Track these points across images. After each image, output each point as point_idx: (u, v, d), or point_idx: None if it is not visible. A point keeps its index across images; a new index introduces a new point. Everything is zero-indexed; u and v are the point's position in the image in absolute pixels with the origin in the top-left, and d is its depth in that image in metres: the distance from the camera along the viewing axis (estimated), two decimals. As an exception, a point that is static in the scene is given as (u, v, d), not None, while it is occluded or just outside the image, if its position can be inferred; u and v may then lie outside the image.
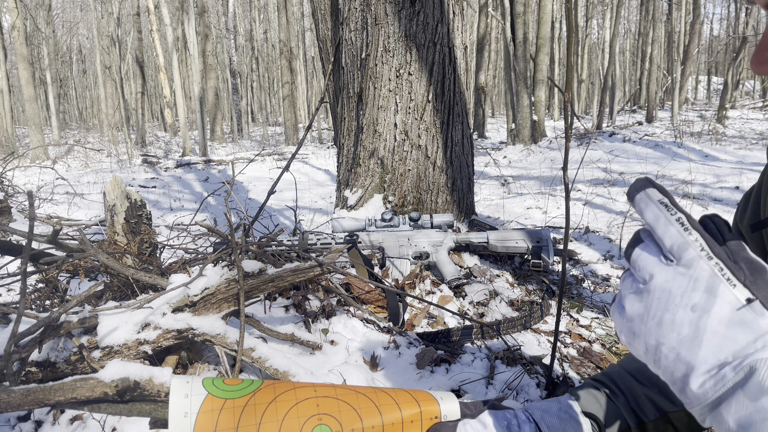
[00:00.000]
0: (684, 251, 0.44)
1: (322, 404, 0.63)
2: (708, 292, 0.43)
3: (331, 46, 2.93)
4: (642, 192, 0.48)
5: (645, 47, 14.86)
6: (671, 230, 0.45)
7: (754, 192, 0.73)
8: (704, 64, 32.63)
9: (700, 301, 0.43)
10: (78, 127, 27.89)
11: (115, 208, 1.54)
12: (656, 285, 0.45)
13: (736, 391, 0.39)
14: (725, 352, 0.41)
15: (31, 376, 1.10)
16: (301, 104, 22.88)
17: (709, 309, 0.42)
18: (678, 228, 0.45)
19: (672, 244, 0.45)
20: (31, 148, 8.22)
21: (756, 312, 0.41)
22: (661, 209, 0.46)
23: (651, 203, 0.47)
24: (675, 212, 0.46)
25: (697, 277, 0.43)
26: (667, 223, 0.45)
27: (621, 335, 0.49)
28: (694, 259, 0.44)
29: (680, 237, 0.45)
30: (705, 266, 0.43)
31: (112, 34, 17.28)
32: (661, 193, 0.47)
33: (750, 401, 0.38)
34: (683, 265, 0.44)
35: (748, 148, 7.38)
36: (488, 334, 1.60)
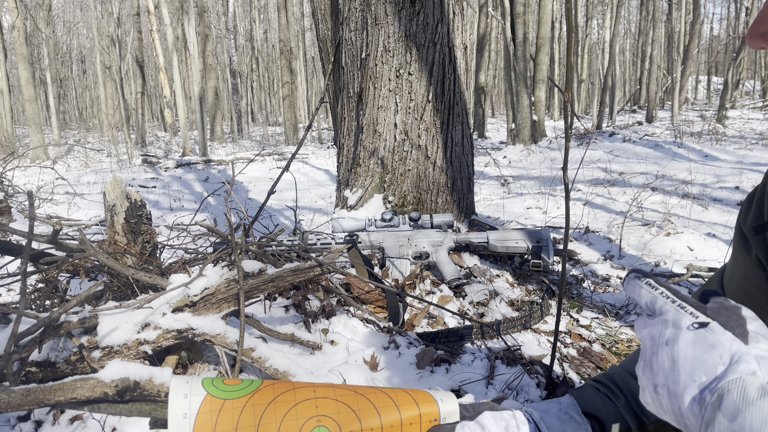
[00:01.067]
0: (655, 303, 0.54)
1: (321, 405, 0.63)
2: (675, 327, 0.50)
3: (331, 46, 2.93)
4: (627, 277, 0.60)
5: (645, 47, 14.86)
6: (643, 292, 0.56)
7: (757, 193, 0.73)
8: (704, 64, 32.63)
9: (670, 336, 0.50)
10: (78, 127, 27.89)
11: (115, 208, 1.54)
12: (644, 338, 0.54)
13: (715, 413, 0.43)
14: (698, 373, 0.46)
15: (31, 376, 1.10)
16: (301, 104, 22.87)
17: (677, 339, 0.49)
18: (647, 288, 0.56)
19: (646, 301, 0.56)
20: (31, 148, 8.22)
21: (716, 332, 0.47)
22: (637, 282, 0.58)
23: (630, 280, 0.59)
24: (643, 279, 0.57)
25: (666, 318, 0.52)
26: (639, 288, 0.57)
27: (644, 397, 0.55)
28: (663, 306, 0.53)
29: (649, 294, 0.55)
30: (670, 308, 0.52)
31: (112, 34, 17.28)
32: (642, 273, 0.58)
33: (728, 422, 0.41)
34: (657, 313, 0.54)
35: (748, 148, 7.38)
36: (488, 334, 1.60)
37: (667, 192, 4.72)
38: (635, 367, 0.57)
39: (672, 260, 2.87)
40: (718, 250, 3.02)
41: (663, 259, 2.92)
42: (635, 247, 3.18)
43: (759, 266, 0.69)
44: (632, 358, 0.87)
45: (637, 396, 0.80)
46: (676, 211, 4.01)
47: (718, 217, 3.85)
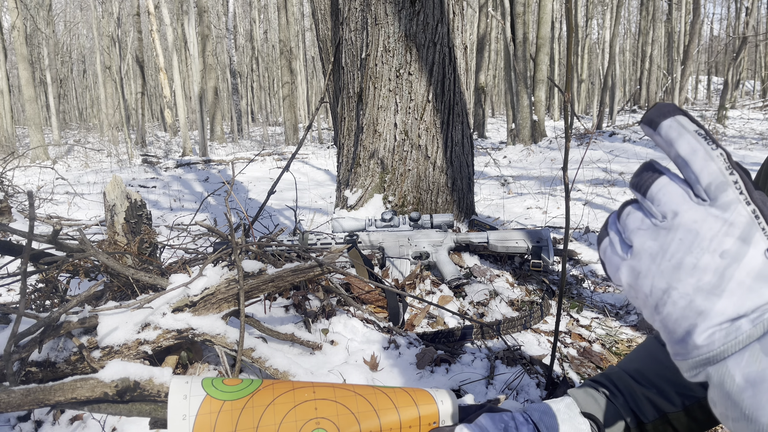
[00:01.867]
0: (722, 192, 0.40)
1: (320, 407, 0.63)
2: (742, 240, 0.39)
3: (331, 46, 2.93)
4: (671, 119, 0.41)
5: (645, 47, 14.86)
6: (712, 167, 0.40)
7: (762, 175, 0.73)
8: (704, 64, 32.63)
9: (732, 248, 0.39)
10: (78, 127, 27.89)
11: (115, 208, 1.54)
12: (681, 223, 0.41)
13: (751, 345, 0.37)
14: (746, 306, 0.38)
15: (31, 376, 1.10)
16: (301, 104, 22.87)
17: (741, 258, 0.39)
18: (720, 165, 0.40)
19: (710, 182, 0.40)
20: (31, 148, 8.22)
21: None
22: (699, 141, 0.40)
23: (686, 133, 0.41)
24: (716, 146, 0.40)
25: (733, 222, 0.39)
26: (708, 158, 0.40)
27: (617, 273, 0.44)
28: (732, 202, 0.39)
29: (721, 176, 0.40)
30: (743, 211, 0.39)
31: (112, 34, 17.28)
32: (694, 123, 0.41)
33: (766, 355, 0.36)
34: (719, 206, 0.40)
35: (748, 148, 7.38)
36: (488, 334, 1.60)
37: (667, 192, 4.71)
38: (601, 242, 0.46)
39: (672, 260, 2.87)
40: (718, 250, 3.02)
41: (663, 259, 2.92)
42: (635, 247, 3.18)
43: None
44: (630, 358, 0.87)
45: (636, 396, 0.80)
46: (676, 211, 4.00)
47: (718, 217, 3.85)
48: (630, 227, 0.44)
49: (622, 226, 0.45)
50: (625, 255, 0.43)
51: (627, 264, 0.43)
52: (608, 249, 0.45)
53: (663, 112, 0.42)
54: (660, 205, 0.42)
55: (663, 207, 0.42)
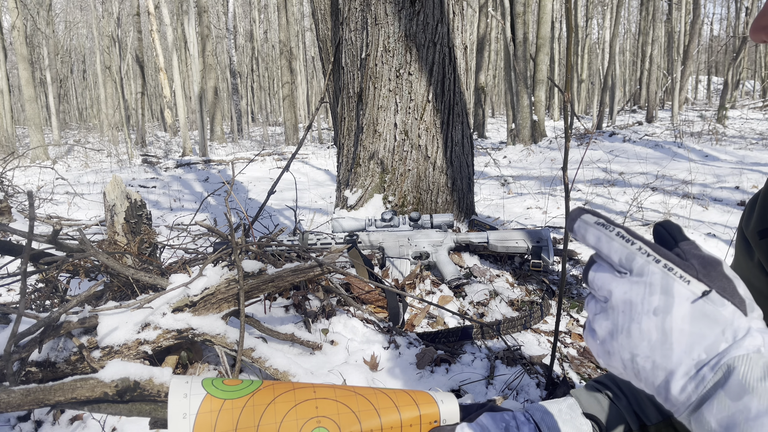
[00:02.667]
0: (632, 261, 0.45)
1: (321, 406, 0.63)
2: (665, 293, 0.43)
3: (331, 46, 2.93)
4: (578, 220, 0.49)
5: (645, 47, 14.86)
6: (615, 245, 0.46)
7: (760, 197, 0.72)
8: (704, 64, 32.64)
9: (660, 304, 0.43)
10: (78, 127, 27.90)
11: (115, 208, 1.54)
12: (617, 299, 0.46)
13: (717, 391, 0.39)
14: (697, 350, 0.41)
15: (31, 376, 1.10)
16: (301, 104, 22.87)
17: (670, 309, 0.43)
18: (620, 241, 0.46)
19: (620, 257, 0.46)
20: (31, 148, 8.22)
21: (715, 303, 0.42)
22: (599, 229, 0.47)
23: (589, 227, 0.48)
24: (613, 228, 0.47)
25: (651, 282, 0.44)
26: (609, 240, 0.47)
27: (599, 359, 0.49)
28: (644, 266, 0.45)
29: (625, 249, 0.46)
30: (655, 269, 0.44)
31: (112, 34, 17.28)
32: (595, 216, 0.48)
33: (732, 401, 0.38)
34: (636, 273, 0.45)
35: (748, 148, 7.38)
36: (488, 334, 1.60)
37: (667, 192, 4.72)
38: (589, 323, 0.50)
39: (672, 260, 2.87)
40: (718, 250, 3.02)
41: (663, 259, 2.92)
42: (635, 247, 3.18)
43: (762, 271, 0.68)
44: None
45: (640, 398, 0.80)
46: (676, 211, 4.01)
47: (718, 217, 3.85)
48: (590, 316, 0.49)
49: (588, 317, 0.50)
50: (594, 340, 0.48)
51: (599, 346, 0.48)
52: (588, 340, 0.50)
53: (572, 217, 0.49)
54: (599, 289, 0.48)
55: (601, 291, 0.47)
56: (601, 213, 0.49)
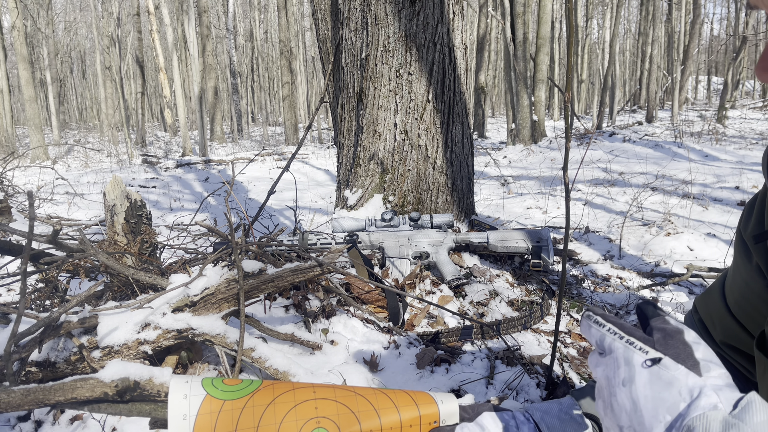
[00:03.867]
0: (603, 341, 0.53)
1: (321, 407, 0.63)
2: (627, 364, 0.49)
3: (331, 46, 2.93)
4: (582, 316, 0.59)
5: (645, 47, 14.86)
6: (593, 331, 0.55)
7: (758, 200, 0.71)
8: (704, 64, 32.63)
9: (625, 375, 0.49)
10: (78, 127, 27.89)
11: (115, 208, 1.54)
12: (600, 378, 0.53)
13: None
14: (662, 412, 0.45)
15: (31, 376, 1.10)
16: (301, 104, 22.87)
17: (633, 378, 0.48)
18: (596, 327, 0.55)
19: (596, 340, 0.55)
20: (31, 148, 8.22)
21: (669, 368, 0.47)
22: (586, 321, 0.57)
23: (583, 320, 0.58)
24: (593, 317, 0.56)
25: (617, 357, 0.51)
26: (589, 327, 0.56)
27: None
28: (612, 343, 0.52)
29: (598, 332, 0.54)
30: (619, 345, 0.51)
31: (112, 34, 17.28)
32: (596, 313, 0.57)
33: None
34: (607, 351, 0.53)
35: (748, 148, 7.38)
36: (488, 334, 1.60)
37: (667, 192, 4.72)
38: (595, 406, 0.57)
39: (672, 260, 2.87)
40: (718, 250, 3.02)
41: (663, 259, 2.92)
42: (635, 247, 3.18)
43: (759, 275, 0.68)
44: None
45: None
46: (676, 211, 4.01)
47: (718, 217, 3.85)
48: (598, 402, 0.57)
49: None
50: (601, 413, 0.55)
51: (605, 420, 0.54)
52: None
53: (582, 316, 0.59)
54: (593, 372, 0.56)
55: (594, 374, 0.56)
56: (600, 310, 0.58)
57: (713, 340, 0.80)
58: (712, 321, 0.80)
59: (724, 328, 0.77)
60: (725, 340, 0.77)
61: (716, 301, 0.79)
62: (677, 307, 2.17)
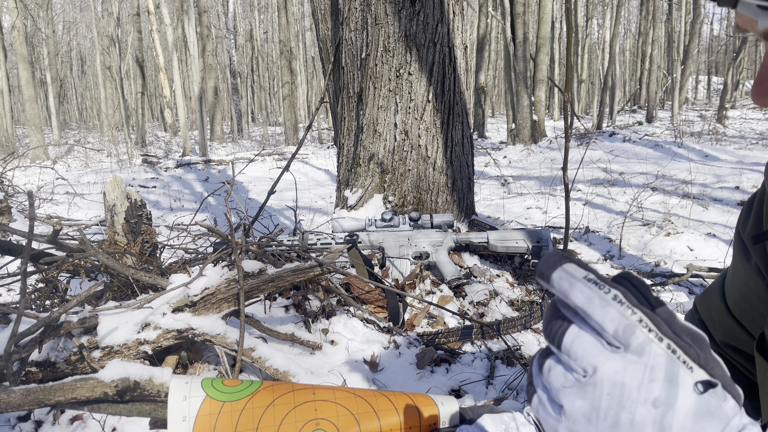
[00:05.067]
0: (631, 335, 0.37)
1: (320, 408, 0.63)
2: (669, 382, 0.36)
3: (331, 46, 2.93)
4: (560, 269, 0.39)
5: (645, 47, 14.86)
6: (611, 312, 0.37)
7: (756, 200, 0.71)
8: (704, 64, 32.63)
9: (661, 394, 0.36)
10: (78, 127, 27.89)
11: (115, 208, 1.54)
12: (604, 377, 0.37)
13: None
14: None
15: (31, 376, 1.10)
16: (301, 104, 22.87)
17: (674, 402, 0.36)
18: (618, 308, 0.37)
19: (616, 328, 0.37)
20: (31, 148, 8.22)
21: (719, 398, 0.36)
22: (591, 288, 0.38)
23: (576, 282, 0.38)
24: (609, 289, 0.38)
25: (654, 365, 0.36)
26: (604, 304, 0.37)
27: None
28: (645, 344, 0.37)
29: (624, 319, 0.37)
30: (659, 350, 0.36)
31: (112, 34, 17.28)
32: (584, 268, 0.39)
33: None
34: (633, 351, 0.37)
35: (748, 148, 7.38)
36: (488, 334, 1.60)
37: (667, 192, 4.72)
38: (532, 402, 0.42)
39: (672, 260, 2.87)
40: (719, 250, 3.02)
41: (663, 259, 2.92)
42: (635, 247, 3.18)
43: (758, 275, 0.68)
44: None
45: None
46: (676, 211, 4.01)
47: (719, 217, 3.85)
48: (555, 385, 0.40)
49: (547, 383, 0.41)
50: (558, 416, 0.39)
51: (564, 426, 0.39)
52: (540, 409, 0.41)
53: (550, 263, 0.39)
54: (577, 359, 0.38)
55: (581, 361, 0.38)
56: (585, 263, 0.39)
57: (714, 340, 0.80)
58: (713, 321, 0.80)
59: (724, 328, 0.77)
60: (725, 340, 0.77)
61: (716, 301, 0.79)
62: (677, 307, 2.17)
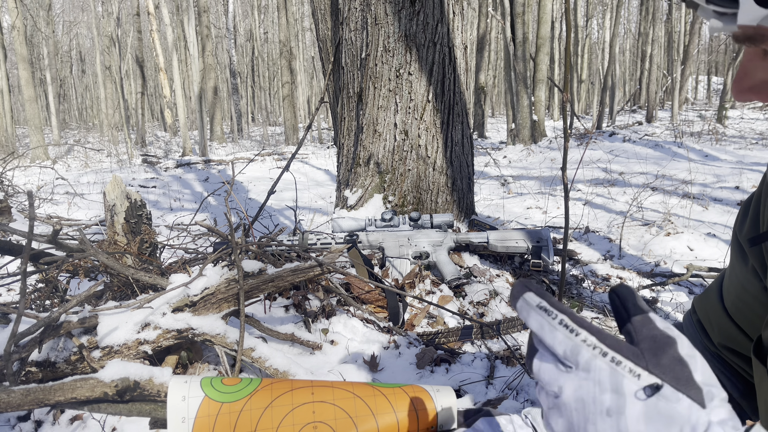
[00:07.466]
0: (578, 355, 0.41)
1: (318, 411, 0.64)
2: (615, 392, 0.39)
3: (331, 46, 2.93)
4: (520, 299, 0.43)
5: (645, 47, 14.86)
6: (558, 336, 0.41)
7: (753, 202, 0.70)
8: (704, 64, 32.62)
9: (611, 404, 0.39)
10: (78, 127, 27.90)
11: (115, 208, 1.54)
12: (568, 396, 0.41)
13: None
14: None
15: (31, 376, 1.10)
16: (301, 104, 22.88)
17: (623, 410, 0.39)
18: (563, 332, 0.41)
19: (564, 350, 0.41)
20: (31, 148, 8.23)
21: (669, 398, 0.38)
22: (542, 315, 0.42)
23: (531, 310, 0.43)
24: (555, 315, 0.42)
25: (599, 379, 0.40)
26: (552, 329, 0.42)
27: None
28: (590, 360, 0.40)
29: (569, 341, 0.41)
30: (602, 365, 0.40)
31: (112, 34, 17.28)
32: (539, 296, 0.43)
33: None
34: (582, 369, 0.41)
35: (748, 148, 7.38)
36: (488, 334, 1.60)
37: (667, 192, 4.72)
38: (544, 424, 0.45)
39: (672, 260, 2.87)
40: (718, 250, 3.02)
41: (663, 258, 2.92)
42: (635, 246, 3.19)
43: (755, 277, 0.68)
44: None
45: None
46: (676, 211, 4.01)
47: (718, 217, 3.85)
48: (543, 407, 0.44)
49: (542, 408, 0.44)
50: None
51: None
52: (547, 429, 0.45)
53: (514, 294, 0.44)
54: (545, 384, 0.43)
55: (549, 386, 0.42)
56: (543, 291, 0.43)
57: (711, 342, 0.80)
58: (710, 322, 0.80)
59: (722, 329, 0.76)
60: (723, 342, 0.77)
61: (714, 302, 0.79)
62: (677, 307, 2.17)
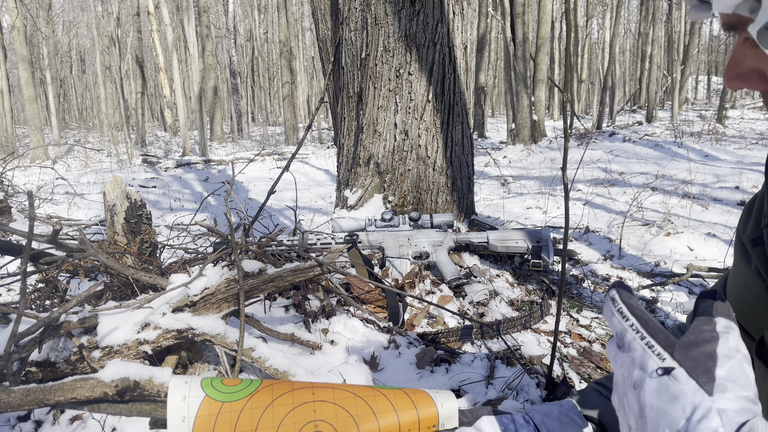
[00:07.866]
0: (624, 336, 0.50)
1: (319, 410, 0.63)
2: (641, 369, 0.47)
3: (331, 46, 2.93)
4: (606, 296, 0.54)
5: (645, 47, 14.86)
6: (614, 321, 0.51)
7: (756, 202, 0.70)
8: (704, 64, 32.62)
9: (638, 379, 0.47)
10: (78, 127, 27.89)
11: (115, 208, 1.54)
12: (617, 373, 0.51)
13: None
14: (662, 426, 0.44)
15: (31, 376, 1.10)
16: (301, 104, 22.88)
17: (642, 384, 0.46)
18: (618, 318, 0.51)
19: (617, 333, 0.51)
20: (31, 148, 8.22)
21: (679, 381, 0.44)
22: (609, 305, 0.53)
23: (607, 303, 0.53)
24: (618, 303, 0.51)
25: (634, 357, 0.48)
26: (611, 314, 0.51)
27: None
28: (631, 342, 0.49)
29: (620, 324, 0.50)
30: (638, 346, 0.48)
31: (112, 34, 17.27)
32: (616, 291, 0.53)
33: None
34: (625, 349, 0.49)
35: (748, 147, 7.38)
36: (488, 334, 1.60)
37: (667, 192, 4.72)
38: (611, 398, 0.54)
39: (672, 260, 2.87)
40: (718, 250, 3.02)
41: (663, 258, 2.92)
42: (635, 246, 3.18)
43: (759, 277, 0.68)
44: None
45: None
46: (676, 211, 4.01)
47: (718, 217, 3.85)
48: None
49: None
50: None
51: None
52: None
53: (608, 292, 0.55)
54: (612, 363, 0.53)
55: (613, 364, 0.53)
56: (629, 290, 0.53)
57: None
58: None
59: None
60: None
61: None
62: (677, 307, 2.17)
